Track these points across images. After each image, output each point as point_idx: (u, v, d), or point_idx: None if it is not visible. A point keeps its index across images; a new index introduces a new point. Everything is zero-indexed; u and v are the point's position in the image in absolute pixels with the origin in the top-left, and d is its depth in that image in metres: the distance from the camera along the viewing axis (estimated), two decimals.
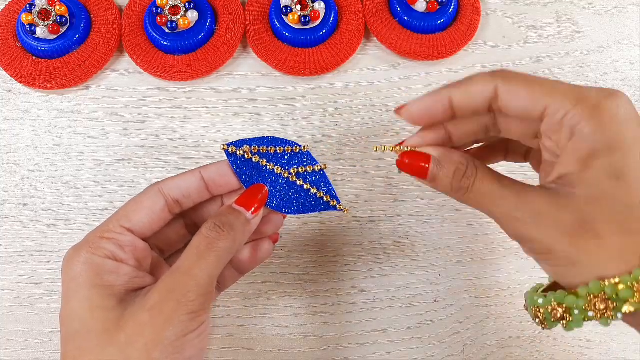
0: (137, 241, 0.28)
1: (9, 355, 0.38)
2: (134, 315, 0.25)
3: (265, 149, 0.32)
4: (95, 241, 0.27)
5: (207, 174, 0.30)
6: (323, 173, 0.32)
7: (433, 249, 0.40)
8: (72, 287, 0.26)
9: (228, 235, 0.27)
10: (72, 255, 0.27)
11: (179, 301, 0.25)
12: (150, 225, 0.29)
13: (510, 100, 0.24)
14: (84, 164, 0.41)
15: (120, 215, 0.28)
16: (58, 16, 0.42)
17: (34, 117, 0.42)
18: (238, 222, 0.28)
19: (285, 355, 0.38)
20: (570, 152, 0.23)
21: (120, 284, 0.27)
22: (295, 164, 0.32)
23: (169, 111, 0.42)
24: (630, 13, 0.46)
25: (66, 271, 0.27)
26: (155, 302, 0.25)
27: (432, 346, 0.38)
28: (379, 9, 0.44)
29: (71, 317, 0.26)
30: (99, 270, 0.26)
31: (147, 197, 0.29)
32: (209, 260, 0.26)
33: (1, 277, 0.39)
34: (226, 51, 0.43)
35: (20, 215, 0.40)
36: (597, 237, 0.22)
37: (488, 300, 0.39)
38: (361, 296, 0.39)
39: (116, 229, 0.28)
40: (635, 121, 0.23)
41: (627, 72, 0.44)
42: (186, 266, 0.26)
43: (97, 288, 0.26)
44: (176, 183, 0.30)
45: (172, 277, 0.26)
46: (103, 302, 0.26)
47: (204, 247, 0.27)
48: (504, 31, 0.45)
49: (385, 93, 0.43)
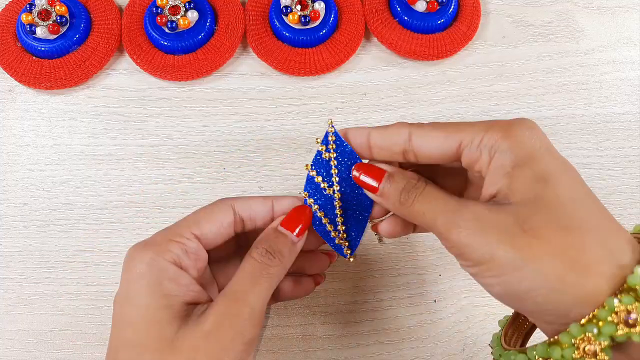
0: (202, 251, 0.28)
1: (9, 355, 0.38)
2: (189, 337, 0.25)
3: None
4: (163, 243, 0.27)
5: (278, 205, 0.30)
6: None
7: (433, 249, 0.40)
8: (132, 289, 0.26)
9: (279, 262, 0.28)
10: (137, 253, 0.27)
11: (237, 330, 0.25)
12: (216, 237, 0.29)
13: (423, 142, 0.26)
14: (84, 164, 0.41)
15: (191, 222, 0.28)
16: (58, 16, 0.42)
17: (34, 117, 0.42)
18: (286, 248, 0.28)
19: (285, 355, 0.38)
20: (495, 170, 0.24)
21: (178, 295, 0.26)
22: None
23: (169, 111, 0.42)
24: (630, 13, 0.46)
25: (128, 269, 0.27)
26: (212, 327, 0.25)
27: (432, 346, 0.38)
28: (379, 9, 0.44)
29: (126, 322, 0.26)
30: (161, 275, 0.26)
31: (219, 209, 0.29)
32: (262, 286, 0.27)
33: (1, 277, 0.39)
34: (226, 51, 0.43)
35: (20, 215, 0.40)
36: (537, 237, 0.22)
37: (488, 300, 0.39)
38: (361, 296, 0.39)
39: (186, 234, 0.28)
40: (542, 136, 0.25)
41: (627, 72, 0.44)
42: (241, 291, 0.26)
43: (156, 296, 0.26)
44: (248, 203, 0.30)
45: (227, 302, 0.26)
46: (160, 315, 0.25)
47: (257, 273, 0.27)
48: (504, 31, 0.45)
49: (385, 93, 0.43)
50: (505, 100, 0.43)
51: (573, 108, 0.43)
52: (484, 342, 0.39)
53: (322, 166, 0.30)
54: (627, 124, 0.43)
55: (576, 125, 0.43)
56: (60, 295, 0.39)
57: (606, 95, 0.44)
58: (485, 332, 0.39)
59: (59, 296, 0.39)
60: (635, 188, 0.41)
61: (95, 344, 0.38)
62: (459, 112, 0.43)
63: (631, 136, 0.43)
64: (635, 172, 0.42)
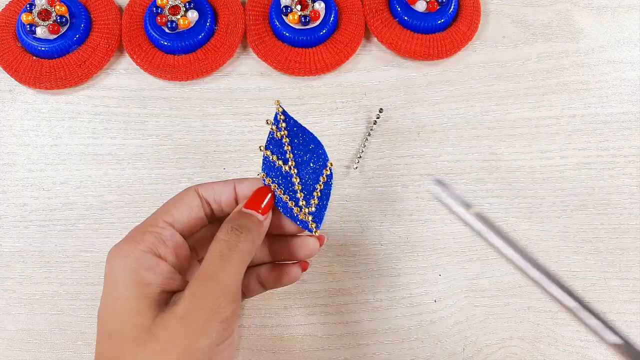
0: (177, 236, 0.29)
1: (9, 355, 0.38)
2: (165, 323, 0.25)
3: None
4: (138, 235, 0.28)
5: (240, 188, 0.31)
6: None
7: (433, 249, 0.40)
8: (111, 282, 0.27)
9: (247, 237, 0.28)
10: (115, 250, 0.28)
11: (211, 309, 0.25)
12: (189, 221, 0.30)
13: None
14: (84, 164, 0.41)
15: (162, 211, 0.29)
16: (58, 16, 0.42)
17: (34, 117, 0.42)
18: (252, 224, 0.29)
19: (285, 355, 0.38)
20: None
21: (156, 283, 0.27)
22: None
23: (169, 111, 0.42)
24: (630, 13, 0.46)
25: (107, 265, 0.27)
26: (187, 310, 0.25)
27: (432, 346, 0.38)
28: (379, 9, 0.44)
29: (107, 314, 0.26)
30: (137, 264, 0.27)
31: (185, 194, 0.30)
32: (232, 263, 0.27)
33: (1, 277, 0.39)
34: (226, 51, 0.43)
35: (20, 215, 0.40)
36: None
37: (488, 300, 0.39)
38: (361, 296, 0.39)
39: (159, 223, 0.28)
40: None
41: (627, 72, 0.44)
42: (211, 270, 0.26)
43: (133, 286, 0.26)
44: (211, 186, 0.31)
45: (199, 283, 0.26)
46: (137, 304, 0.26)
47: (225, 251, 0.27)
48: (504, 31, 0.45)
49: (385, 93, 0.43)
50: (505, 100, 0.43)
51: (573, 108, 0.43)
52: (484, 342, 0.39)
53: (276, 145, 0.32)
54: (627, 124, 0.43)
55: (576, 125, 0.43)
56: (60, 295, 0.39)
57: (606, 95, 0.44)
58: (485, 332, 0.39)
59: (59, 296, 0.39)
60: (635, 188, 0.41)
61: (95, 344, 0.38)
62: (459, 112, 0.43)
63: (631, 136, 0.43)
64: (635, 172, 0.42)
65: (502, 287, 0.40)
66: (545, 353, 0.38)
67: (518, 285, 0.39)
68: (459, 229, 0.40)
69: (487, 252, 0.40)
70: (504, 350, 0.38)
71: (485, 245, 0.40)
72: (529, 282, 0.25)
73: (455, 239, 0.40)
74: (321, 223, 0.32)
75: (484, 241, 0.25)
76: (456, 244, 0.40)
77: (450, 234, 0.40)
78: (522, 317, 0.39)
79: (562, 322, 0.39)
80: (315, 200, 0.31)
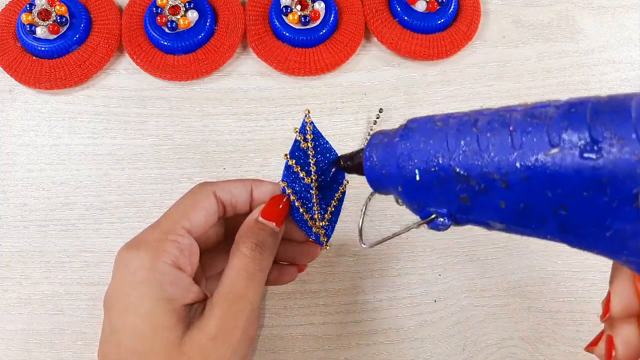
0: (194, 245, 0.27)
1: (9, 355, 0.38)
2: (196, 341, 0.25)
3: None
4: (158, 243, 0.26)
5: (257, 191, 0.30)
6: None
7: (433, 249, 0.40)
8: (133, 296, 0.25)
9: (269, 254, 0.28)
10: (132, 256, 0.26)
11: (242, 330, 0.25)
12: (203, 227, 0.28)
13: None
14: (84, 164, 0.41)
15: (180, 215, 0.27)
16: (58, 16, 0.42)
17: (34, 117, 0.42)
18: (271, 238, 0.28)
19: (285, 355, 0.38)
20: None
21: (179, 298, 0.25)
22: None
23: (169, 111, 0.42)
24: (630, 13, 0.46)
25: (123, 274, 0.26)
26: (218, 330, 0.25)
27: (432, 346, 0.38)
28: (379, 9, 0.44)
29: (132, 332, 0.25)
30: (163, 280, 0.25)
31: (202, 197, 0.28)
32: (257, 282, 0.27)
33: (1, 277, 0.39)
34: (226, 51, 0.43)
35: (20, 215, 0.40)
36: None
37: (488, 300, 0.39)
38: (361, 296, 0.39)
39: (178, 230, 0.26)
40: None
41: (627, 72, 0.44)
42: (240, 290, 0.26)
43: (160, 302, 0.25)
44: (228, 188, 0.29)
45: (229, 303, 0.26)
46: (165, 320, 0.25)
47: (251, 269, 0.27)
48: (504, 31, 0.45)
49: (385, 93, 0.43)
50: (505, 100, 0.43)
51: None
52: (484, 342, 0.39)
53: (300, 155, 0.31)
54: None
55: None
56: (60, 295, 0.39)
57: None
58: (485, 332, 0.39)
59: (59, 296, 0.39)
60: None
61: (95, 344, 0.38)
62: None
63: None
64: None
65: (502, 287, 0.40)
66: (545, 353, 0.38)
67: (518, 285, 0.39)
68: (459, 229, 0.40)
69: (487, 252, 0.40)
70: (504, 350, 0.38)
71: (485, 245, 0.41)
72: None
73: (455, 239, 0.40)
74: (330, 237, 0.32)
75: None
76: (456, 244, 0.40)
77: (450, 234, 0.40)
78: (522, 317, 0.39)
79: (562, 322, 0.39)
80: (328, 215, 0.31)
